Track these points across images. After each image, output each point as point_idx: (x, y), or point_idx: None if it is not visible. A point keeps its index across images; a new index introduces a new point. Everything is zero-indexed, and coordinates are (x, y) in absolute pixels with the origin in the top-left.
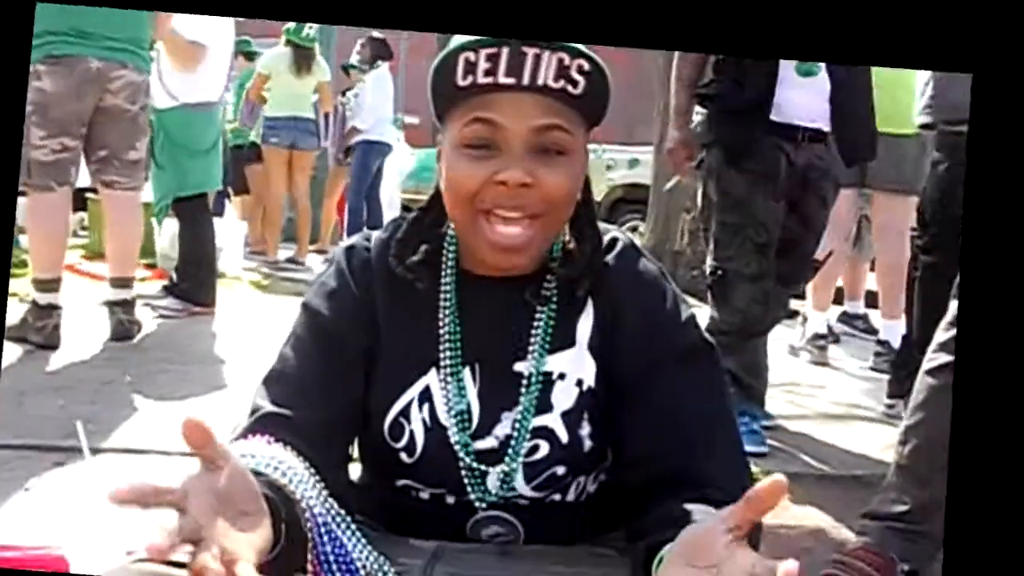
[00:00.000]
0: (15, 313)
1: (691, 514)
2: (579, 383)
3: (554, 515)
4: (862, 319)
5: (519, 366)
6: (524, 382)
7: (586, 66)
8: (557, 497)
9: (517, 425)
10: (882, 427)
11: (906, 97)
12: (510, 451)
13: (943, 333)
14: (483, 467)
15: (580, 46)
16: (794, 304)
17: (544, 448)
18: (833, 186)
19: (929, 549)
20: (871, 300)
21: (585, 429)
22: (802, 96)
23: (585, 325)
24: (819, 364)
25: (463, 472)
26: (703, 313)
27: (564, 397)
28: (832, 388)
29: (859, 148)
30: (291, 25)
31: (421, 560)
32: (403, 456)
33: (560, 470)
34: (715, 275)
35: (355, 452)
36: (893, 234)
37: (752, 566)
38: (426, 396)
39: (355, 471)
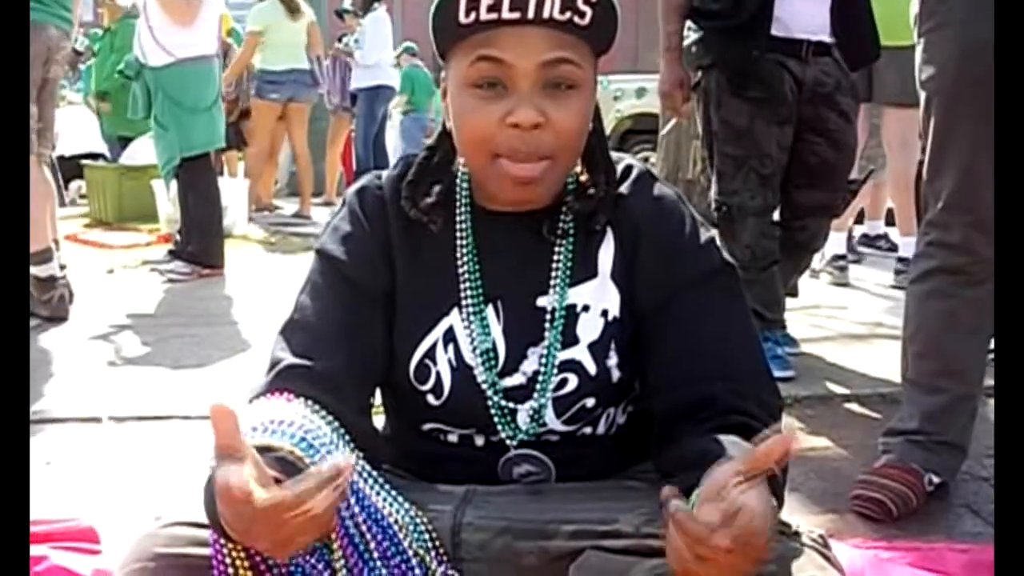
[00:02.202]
0: None
1: (716, 449)
2: (604, 313)
3: (585, 449)
4: (884, 238)
5: (542, 300)
6: (548, 316)
7: None
8: (588, 430)
9: (544, 360)
10: None
11: (906, 6)
12: (538, 386)
13: (920, 243)
14: (512, 404)
15: None
16: None
17: (572, 381)
18: (852, 99)
19: (952, 457)
20: (892, 218)
21: (612, 359)
22: (804, 6)
23: (606, 255)
24: (840, 285)
25: (492, 411)
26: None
27: (589, 328)
28: (854, 308)
29: (863, 51)
30: None
31: (451, 505)
32: (430, 398)
33: (590, 402)
34: (720, 211)
35: (377, 402)
36: (906, 148)
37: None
38: (450, 336)
39: (379, 422)
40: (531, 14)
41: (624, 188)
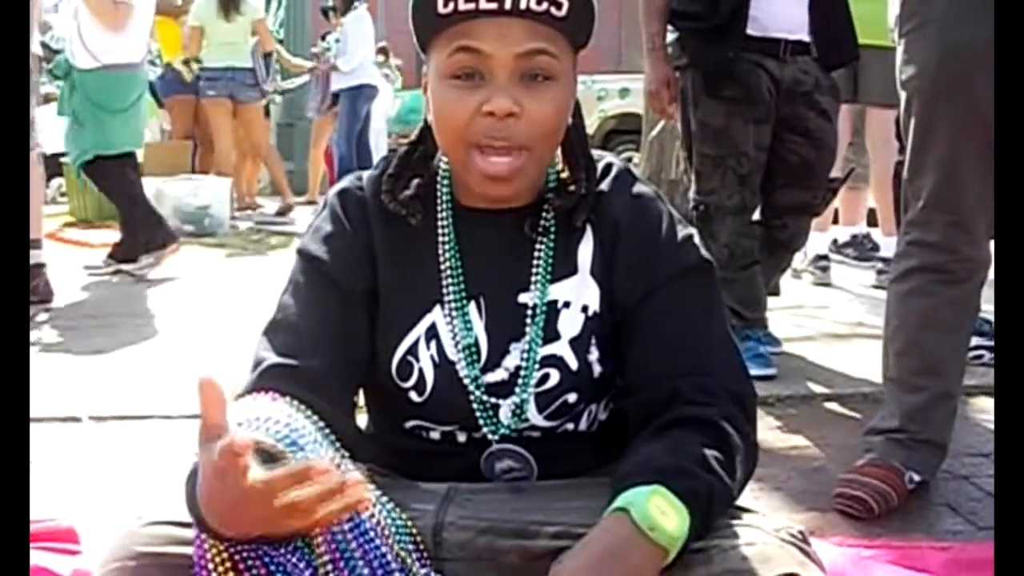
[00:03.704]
0: None
1: (660, 456)
2: (584, 309)
3: (567, 446)
4: (867, 237)
5: (523, 297)
6: (529, 312)
7: None
8: (570, 427)
9: (526, 355)
10: None
11: (885, 6)
12: (520, 382)
13: (901, 243)
14: (494, 400)
15: None
16: None
17: (554, 376)
18: (831, 98)
19: (932, 456)
20: (874, 218)
21: (593, 354)
22: (781, 5)
23: (586, 251)
24: (822, 285)
25: (475, 406)
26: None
27: (571, 324)
28: (836, 308)
29: (841, 51)
30: None
31: (433, 505)
32: (412, 395)
33: (571, 397)
34: (698, 210)
35: (360, 401)
36: (889, 149)
37: None
38: (432, 333)
39: (361, 421)
40: (508, 5)
41: (604, 185)
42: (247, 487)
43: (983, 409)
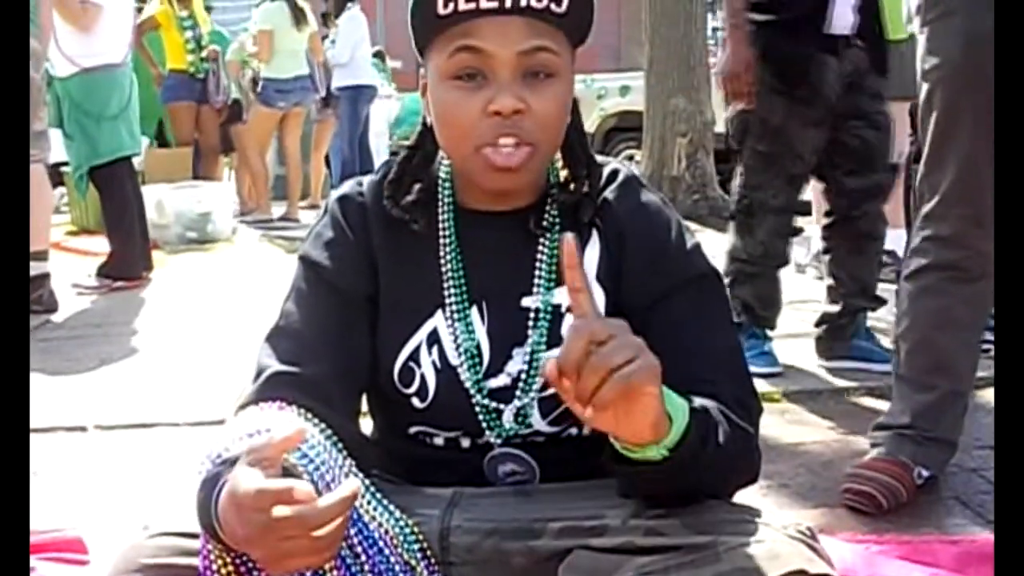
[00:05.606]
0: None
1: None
2: None
3: (570, 450)
4: None
5: (526, 301)
6: (532, 316)
7: None
8: (573, 431)
9: (528, 360)
10: None
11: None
12: (522, 386)
13: (915, 238)
14: (497, 405)
15: None
16: (800, 221)
17: None
18: (879, 80)
19: (942, 452)
20: None
21: None
22: (842, 4)
23: (592, 256)
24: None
25: (477, 412)
26: (703, 239)
27: None
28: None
29: (879, 61)
30: None
31: (438, 509)
32: (415, 401)
33: None
34: (740, 203)
35: (364, 407)
36: (900, 143)
37: None
38: (434, 338)
39: (365, 427)
40: (509, 3)
41: (610, 192)
42: (271, 522)
43: (992, 402)
